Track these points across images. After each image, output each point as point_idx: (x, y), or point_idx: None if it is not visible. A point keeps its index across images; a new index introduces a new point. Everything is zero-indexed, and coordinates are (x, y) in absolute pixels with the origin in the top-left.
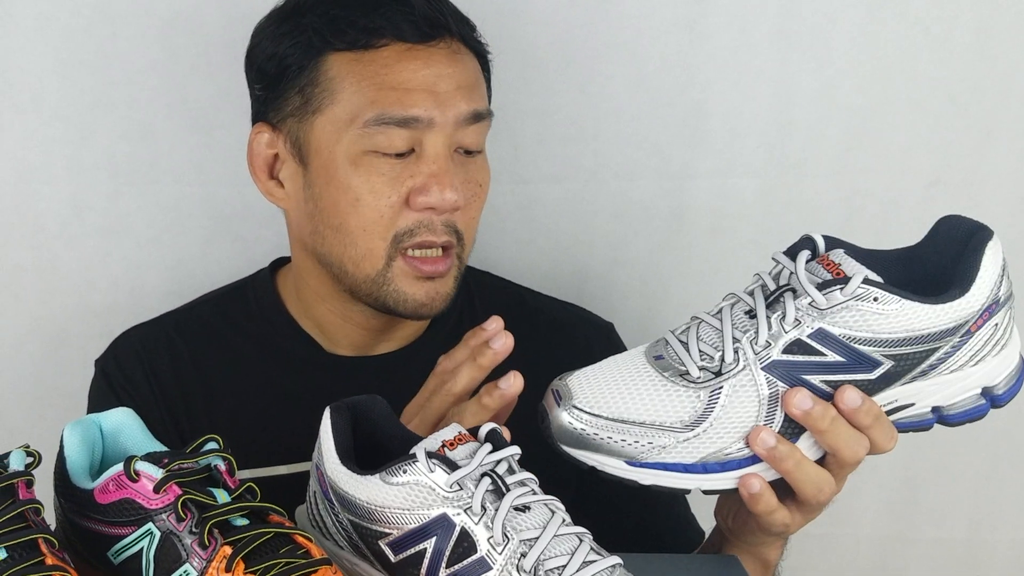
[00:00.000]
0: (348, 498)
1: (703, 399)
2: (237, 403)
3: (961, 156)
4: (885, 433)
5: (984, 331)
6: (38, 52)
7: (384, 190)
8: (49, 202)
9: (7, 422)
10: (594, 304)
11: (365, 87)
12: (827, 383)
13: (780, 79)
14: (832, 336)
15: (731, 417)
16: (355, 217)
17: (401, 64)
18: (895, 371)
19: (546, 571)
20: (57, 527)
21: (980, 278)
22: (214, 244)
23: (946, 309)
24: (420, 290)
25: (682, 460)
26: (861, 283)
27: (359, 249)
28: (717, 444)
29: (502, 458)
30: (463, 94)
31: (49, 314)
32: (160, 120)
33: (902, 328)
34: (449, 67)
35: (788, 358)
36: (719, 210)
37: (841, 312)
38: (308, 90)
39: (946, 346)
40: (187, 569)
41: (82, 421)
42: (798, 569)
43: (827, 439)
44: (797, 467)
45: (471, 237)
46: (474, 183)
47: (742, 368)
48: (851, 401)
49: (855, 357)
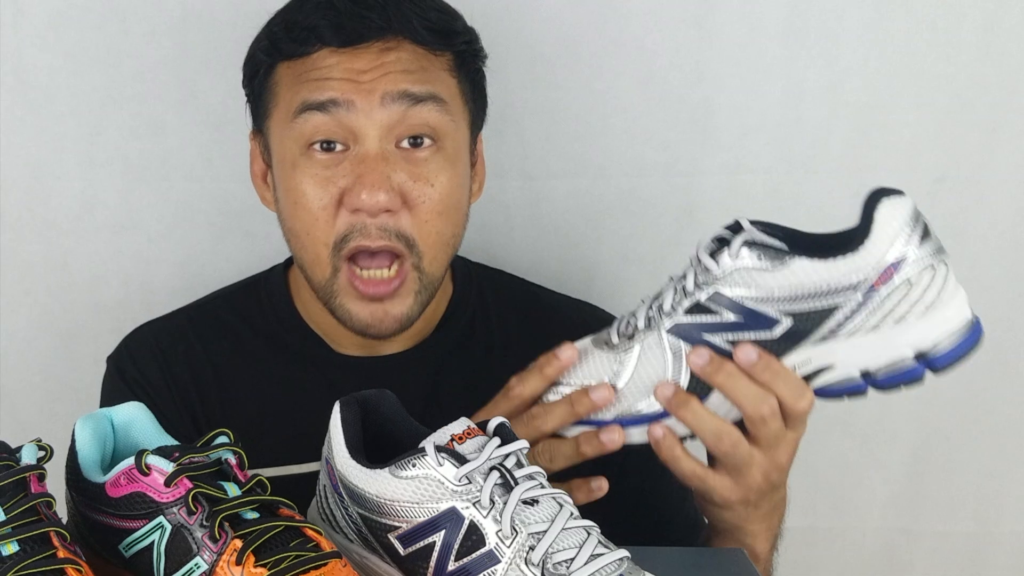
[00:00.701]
0: (358, 492)
1: (620, 362)
2: (250, 400)
3: (967, 152)
4: (792, 391)
5: (891, 288)
6: (50, 49)
7: (317, 192)
8: (61, 198)
9: (19, 416)
10: (603, 300)
11: (294, 84)
12: (730, 342)
13: (788, 76)
14: (726, 297)
15: (642, 376)
16: (298, 220)
17: (327, 61)
18: (798, 329)
19: (554, 564)
20: (69, 520)
21: (874, 232)
22: (224, 240)
23: (837, 264)
24: (364, 310)
25: (602, 417)
26: (743, 244)
27: (308, 254)
28: (630, 400)
29: (510, 452)
30: (392, 77)
31: (60, 309)
32: (171, 117)
33: (792, 285)
34: (378, 59)
35: (689, 319)
36: (728, 206)
37: (732, 275)
38: (263, 96)
39: (850, 303)
40: (198, 562)
41: (94, 415)
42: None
43: (729, 393)
44: (693, 415)
45: (432, 244)
46: (423, 181)
47: (652, 331)
48: (745, 356)
49: (750, 316)
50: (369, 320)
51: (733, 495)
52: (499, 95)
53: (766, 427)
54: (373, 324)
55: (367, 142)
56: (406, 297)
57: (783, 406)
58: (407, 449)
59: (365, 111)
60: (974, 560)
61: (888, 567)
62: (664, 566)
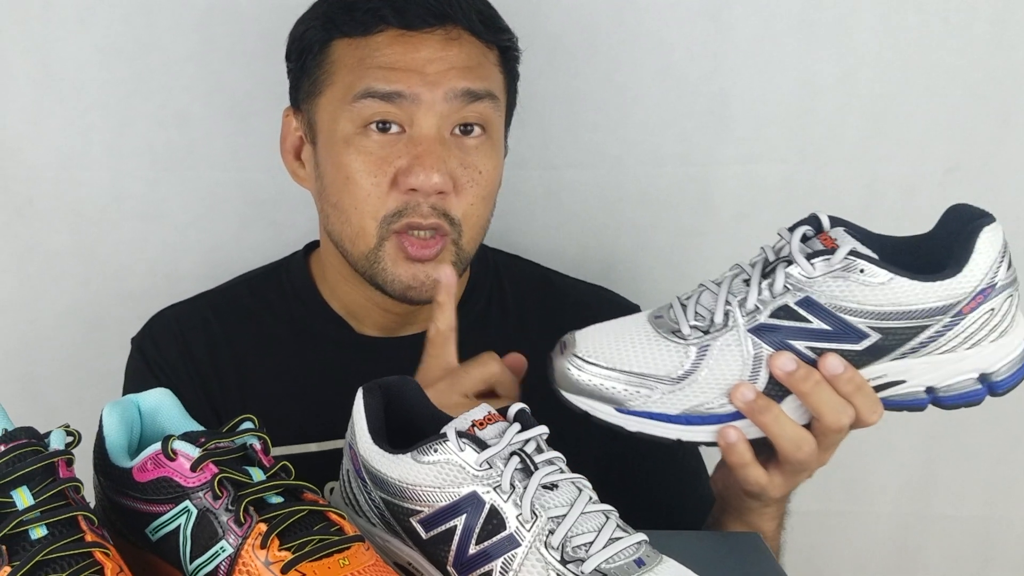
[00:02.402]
0: (380, 476)
1: (691, 355)
2: (270, 382)
3: (978, 143)
4: (868, 404)
5: (978, 315)
6: (78, 42)
7: (372, 169)
8: (89, 188)
9: (47, 402)
10: (621, 288)
11: (357, 67)
12: (813, 350)
13: (802, 68)
14: (818, 304)
15: (716, 374)
16: (347, 196)
17: (392, 47)
18: (883, 344)
19: (573, 548)
20: (96, 505)
21: (973, 260)
22: (249, 229)
23: (935, 287)
24: (407, 272)
25: (666, 411)
26: (847, 254)
27: (353, 227)
28: (700, 398)
29: (530, 437)
30: (456, 73)
31: (88, 297)
32: (197, 108)
33: (889, 302)
34: (442, 51)
35: (775, 322)
36: (743, 196)
37: (828, 282)
38: (315, 73)
39: (936, 325)
40: (223, 546)
41: (121, 401)
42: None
43: (810, 402)
44: (775, 421)
45: (473, 225)
46: (472, 168)
47: (730, 329)
48: (833, 367)
49: (840, 326)
50: (411, 282)
51: (780, 492)
52: (521, 87)
53: (839, 435)
54: (415, 286)
55: (425, 128)
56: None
57: (857, 417)
58: (429, 435)
59: (428, 103)
60: (985, 544)
61: (901, 551)
62: (681, 550)
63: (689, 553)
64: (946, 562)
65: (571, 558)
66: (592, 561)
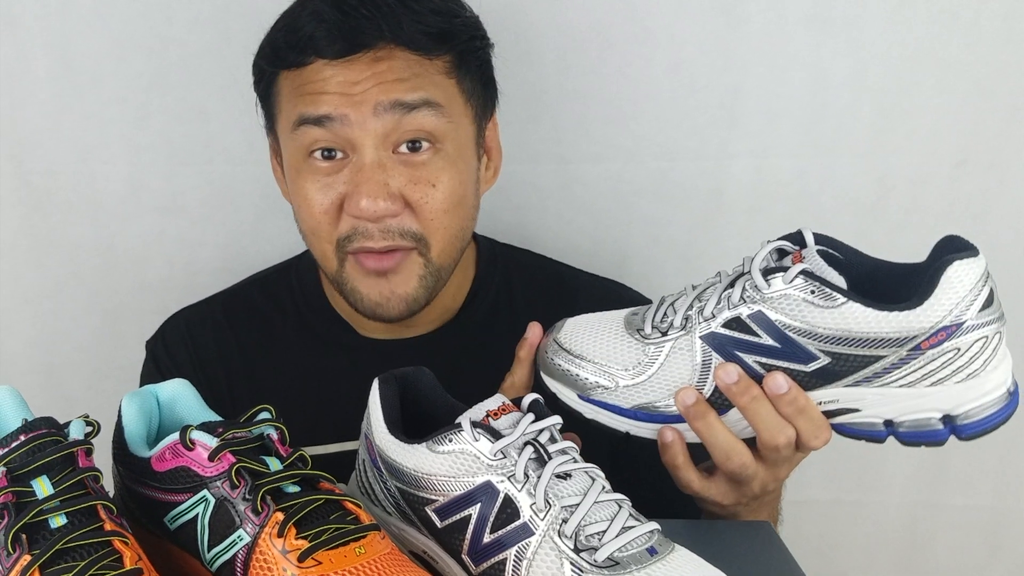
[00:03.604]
0: (396, 466)
1: (648, 354)
2: (278, 384)
3: (988, 137)
4: (811, 429)
5: (939, 352)
6: (96, 37)
7: (318, 196)
8: (107, 181)
9: (67, 393)
10: (634, 282)
11: (292, 96)
12: (761, 365)
13: (813, 63)
14: (768, 320)
15: (667, 375)
16: (304, 222)
17: (322, 73)
18: (833, 369)
19: (586, 536)
20: (115, 494)
21: (935, 296)
22: (265, 222)
23: (890, 318)
24: (373, 289)
25: (620, 404)
26: (799, 273)
27: (316, 251)
28: (650, 396)
29: (544, 427)
30: (384, 87)
31: (107, 289)
32: (214, 102)
33: (839, 327)
34: (369, 70)
35: (726, 332)
36: (755, 190)
37: (781, 300)
38: (268, 104)
39: (891, 356)
40: (240, 534)
41: (140, 392)
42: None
43: (748, 416)
44: (708, 428)
45: (441, 238)
46: (424, 183)
47: (686, 334)
48: (776, 387)
49: (789, 345)
50: (377, 299)
51: (727, 500)
52: (534, 81)
53: (777, 454)
54: (381, 303)
55: (364, 151)
56: (410, 278)
57: (799, 439)
58: (444, 425)
59: (359, 123)
60: (994, 533)
61: (911, 539)
62: (693, 538)
63: (701, 542)
64: (955, 552)
65: (584, 546)
66: (605, 549)
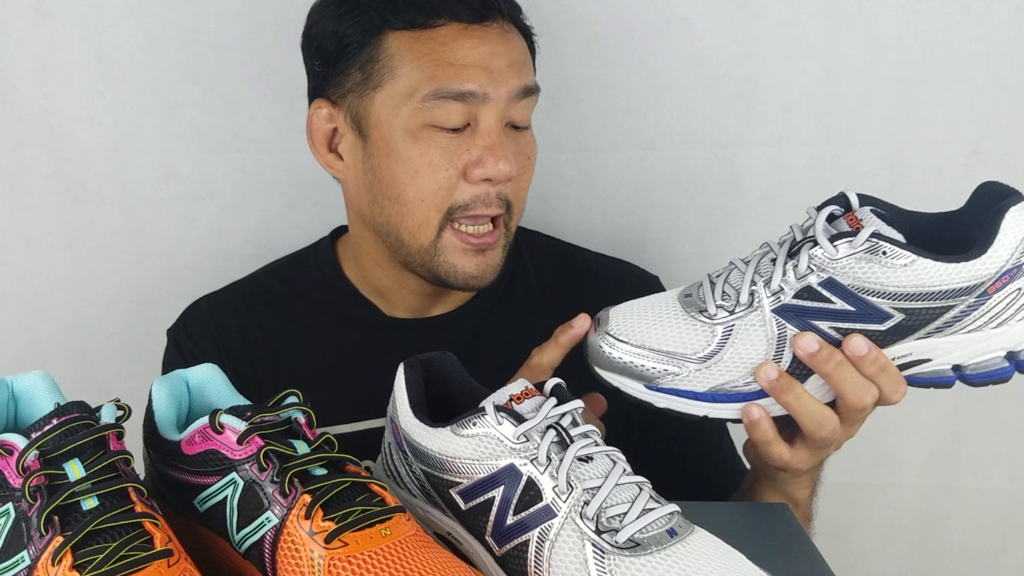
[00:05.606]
0: (421, 449)
1: (717, 334)
2: (302, 367)
3: (1000, 126)
4: (891, 384)
5: (1004, 294)
6: (128, 28)
7: (441, 163)
8: (139, 170)
9: (99, 377)
10: (652, 267)
11: (423, 64)
12: (837, 330)
13: (828, 53)
14: (841, 285)
15: (741, 353)
16: (413, 188)
17: (458, 43)
18: (907, 325)
19: (608, 518)
20: (146, 477)
21: (998, 241)
22: (294, 209)
23: (959, 268)
24: (471, 263)
25: (693, 388)
26: (870, 236)
27: (415, 219)
28: (726, 376)
29: (566, 411)
30: (515, 70)
31: (138, 275)
32: (243, 92)
33: (912, 283)
34: (502, 45)
35: (799, 303)
36: (771, 177)
37: (851, 263)
38: (368, 67)
39: (961, 305)
40: (269, 516)
41: (169, 376)
42: (846, 517)
43: (833, 382)
44: (797, 400)
45: (520, 207)
46: (523, 156)
47: (755, 309)
48: (857, 348)
49: (863, 307)
50: (475, 271)
51: (806, 466)
52: (556, 71)
53: (862, 414)
54: (478, 275)
55: (492, 122)
56: (498, 251)
57: (880, 396)
58: (468, 408)
59: (495, 102)
60: (1008, 515)
61: (926, 522)
62: (712, 520)
63: (720, 524)
64: (970, 534)
65: (606, 528)
66: (626, 531)
